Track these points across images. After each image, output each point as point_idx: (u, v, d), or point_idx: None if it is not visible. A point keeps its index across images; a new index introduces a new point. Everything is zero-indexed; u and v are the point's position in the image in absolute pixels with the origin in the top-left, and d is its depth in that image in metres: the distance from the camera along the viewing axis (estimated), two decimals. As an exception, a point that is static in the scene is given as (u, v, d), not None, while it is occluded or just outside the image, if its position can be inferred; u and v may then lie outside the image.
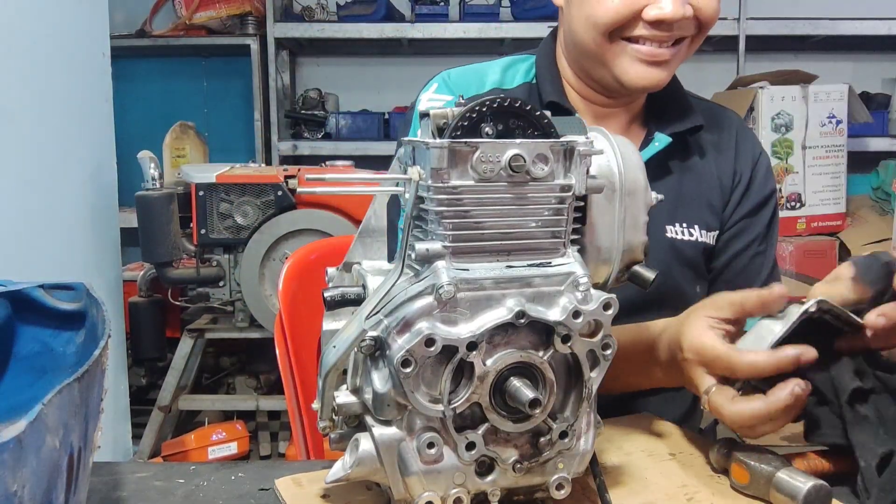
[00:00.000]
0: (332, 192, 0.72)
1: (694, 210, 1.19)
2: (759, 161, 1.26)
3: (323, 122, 3.73)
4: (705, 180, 1.22)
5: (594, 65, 1.14)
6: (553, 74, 1.22)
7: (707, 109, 1.27)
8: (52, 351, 0.78)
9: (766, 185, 1.25)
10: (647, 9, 1.06)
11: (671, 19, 1.05)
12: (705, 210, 1.21)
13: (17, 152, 1.75)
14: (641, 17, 1.06)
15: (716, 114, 1.28)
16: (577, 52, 1.16)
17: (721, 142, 1.25)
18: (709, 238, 1.20)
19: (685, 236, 1.18)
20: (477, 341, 0.68)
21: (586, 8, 1.09)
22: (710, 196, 1.22)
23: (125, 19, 3.71)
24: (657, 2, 1.05)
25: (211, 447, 2.75)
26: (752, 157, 1.26)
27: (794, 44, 3.83)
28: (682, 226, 1.18)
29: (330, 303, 0.78)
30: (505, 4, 3.64)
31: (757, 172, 1.25)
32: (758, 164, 1.26)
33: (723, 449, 0.84)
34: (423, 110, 0.73)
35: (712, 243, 1.21)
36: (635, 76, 1.10)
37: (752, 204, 1.24)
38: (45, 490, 0.56)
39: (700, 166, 1.22)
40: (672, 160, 1.20)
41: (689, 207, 1.19)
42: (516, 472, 0.72)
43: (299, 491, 0.81)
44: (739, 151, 1.25)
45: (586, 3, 1.09)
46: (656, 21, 1.06)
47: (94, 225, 2.12)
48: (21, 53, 1.77)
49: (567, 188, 0.72)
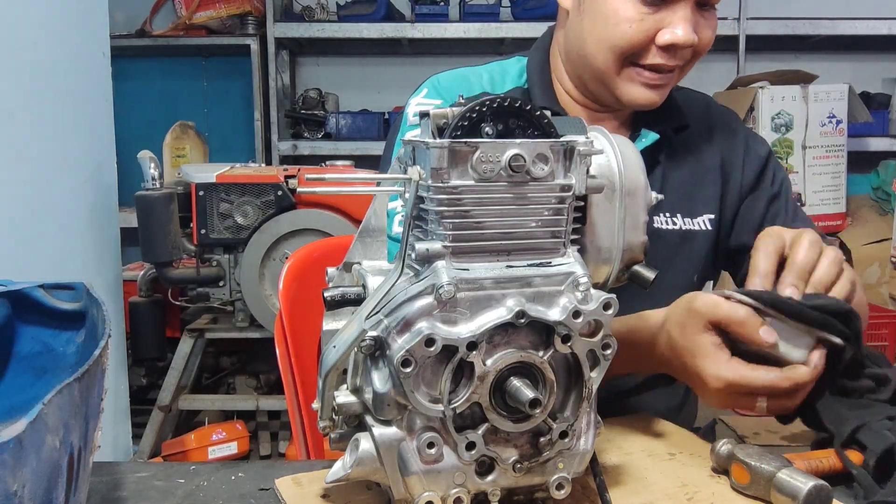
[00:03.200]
0: (332, 192, 0.72)
1: (679, 200, 1.22)
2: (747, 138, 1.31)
3: (323, 122, 3.73)
4: (694, 171, 1.25)
5: (596, 81, 1.17)
6: (544, 80, 1.24)
7: (697, 103, 1.31)
8: (52, 351, 0.79)
9: (762, 150, 1.30)
10: (660, 33, 1.09)
11: (683, 44, 1.09)
12: (693, 199, 1.23)
13: (17, 152, 1.75)
14: (654, 42, 1.10)
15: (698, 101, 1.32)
16: (581, 64, 1.18)
17: (709, 130, 1.28)
18: (697, 224, 1.23)
19: (668, 225, 1.21)
20: (477, 341, 0.68)
21: (600, 29, 1.11)
22: (701, 185, 1.24)
23: (125, 19, 3.72)
24: (671, 28, 1.09)
25: (211, 447, 2.76)
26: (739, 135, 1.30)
27: (794, 44, 3.83)
28: (666, 215, 1.22)
29: (330, 303, 0.78)
30: (505, 4, 3.64)
31: (747, 146, 1.29)
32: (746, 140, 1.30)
33: (723, 449, 0.84)
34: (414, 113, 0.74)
35: (706, 228, 1.24)
36: (637, 97, 1.14)
37: (754, 174, 1.27)
38: (45, 490, 0.56)
39: (687, 158, 1.25)
40: (659, 154, 1.23)
41: (673, 198, 1.22)
42: (516, 471, 0.72)
43: (299, 491, 0.81)
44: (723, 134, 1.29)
45: (600, 24, 1.11)
46: (668, 46, 1.09)
47: (94, 225, 2.12)
48: (21, 53, 1.77)
49: (567, 188, 0.72)
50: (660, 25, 1.09)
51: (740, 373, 0.86)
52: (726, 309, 0.87)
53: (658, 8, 1.08)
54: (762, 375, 0.86)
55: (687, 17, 1.08)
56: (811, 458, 0.85)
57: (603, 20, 1.11)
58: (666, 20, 1.09)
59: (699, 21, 1.11)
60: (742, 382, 0.86)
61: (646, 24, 1.09)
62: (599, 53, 1.12)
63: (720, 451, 0.84)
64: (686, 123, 1.25)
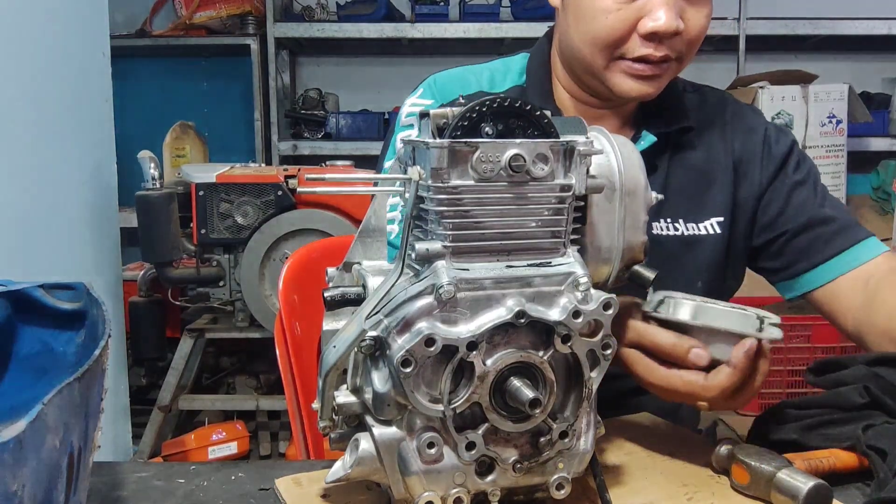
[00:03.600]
0: (332, 192, 0.72)
1: (682, 205, 1.20)
2: (767, 133, 1.25)
3: (323, 122, 3.73)
4: (701, 174, 1.21)
5: (588, 75, 1.16)
6: (543, 79, 1.23)
7: (714, 103, 1.27)
8: (52, 351, 0.78)
9: (782, 144, 1.24)
10: (642, 21, 1.07)
11: (665, 31, 1.06)
12: (699, 202, 1.20)
13: (18, 152, 1.75)
14: (637, 31, 1.08)
15: (715, 102, 1.28)
16: (573, 60, 1.17)
17: (721, 131, 1.25)
18: (703, 229, 1.20)
19: (669, 231, 1.18)
20: (477, 341, 0.68)
21: (582, 24, 1.10)
22: (709, 187, 1.21)
23: (125, 19, 3.72)
24: (651, 14, 1.06)
25: (211, 447, 2.75)
26: (758, 132, 1.25)
27: (794, 44, 3.83)
28: (667, 221, 1.19)
29: (330, 303, 0.78)
30: (505, 4, 3.64)
31: (767, 141, 1.24)
32: (766, 135, 1.25)
33: (723, 449, 0.84)
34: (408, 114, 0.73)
35: (714, 232, 1.20)
36: (628, 88, 1.12)
37: (772, 169, 1.23)
38: (45, 490, 0.56)
39: (692, 161, 1.22)
40: (660, 157, 1.20)
41: (675, 203, 1.19)
42: (516, 471, 0.72)
43: (299, 491, 0.81)
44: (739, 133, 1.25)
45: (582, 19, 1.10)
46: (651, 34, 1.07)
47: (94, 225, 2.12)
48: (21, 53, 1.76)
49: (567, 188, 0.72)
50: (640, 14, 1.07)
51: (667, 380, 0.84)
52: (650, 338, 0.84)
53: None
54: (687, 380, 0.83)
55: (668, 3, 1.05)
56: (811, 458, 0.85)
57: (583, 14, 1.09)
58: (646, 8, 1.06)
59: (685, 7, 1.08)
60: (669, 388, 0.84)
61: (624, 14, 1.07)
62: (585, 47, 1.11)
63: (720, 451, 0.84)
64: (689, 125, 1.21)
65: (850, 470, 0.84)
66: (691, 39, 1.11)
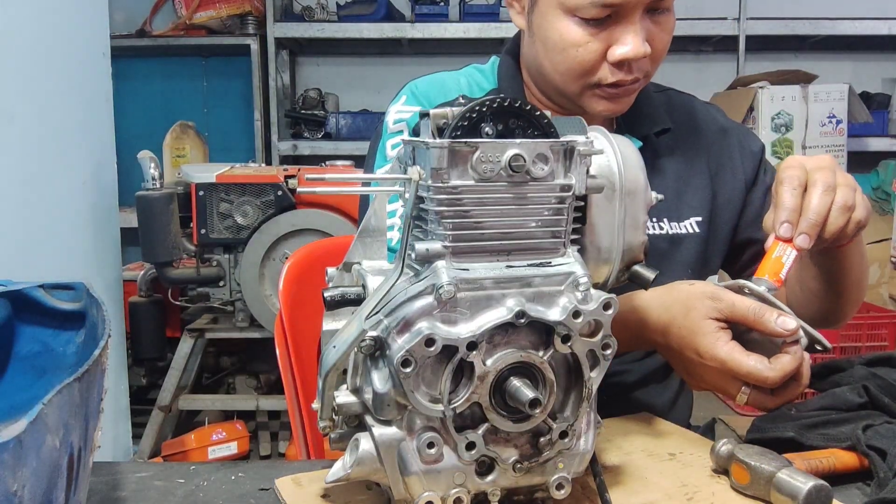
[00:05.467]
0: (332, 192, 0.72)
1: (665, 205, 1.22)
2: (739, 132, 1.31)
3: (323, 122, 3.73)
4: (679, 175, 1.24)
5: (561, 97, 1.17)
6: (514, 84, 1.23)
7: (681, 106, 1.30)
8: (52, 351, 0.79)
9: (755, 146, 1.30)
10: (611, 49, 1.07)
11: (634, 57, 1.07)
12: (679, 203, 1.23)
13: (18, 152, 1.75)
14: (606, 59, 1.08)
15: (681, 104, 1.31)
16: (544, 84, 1.18)
17: (695, 133, 1.28)
18: (684, 228, 1.23)
19: (655, 230, 1.21)
20: (477, 341, 0.68)
21: (553, 54, 1.11)
22: (687, 188, 1.24)
23: (125, 19, 3.72)
24: (619, 43, 1.07)
25: (211, 447, 2.76)
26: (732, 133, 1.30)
27: (794, 44, 3.84)
28: (653, 220, 1.21)
29: (330, 303, 0.78)
30: (505, 4, 3.64)
31: (742, 140, 1.29)
32: (739, 134, 1.30)
33: (723, 449, 0.84)
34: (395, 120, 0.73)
35: (694, 231, 1.23)
36: (601, 109, 1.13)
37: (752, 169, 1.28)
38: (45, 490, 0.56)
39: (670, 163, 1.24)
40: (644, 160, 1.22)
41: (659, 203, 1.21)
42: (516, 471, 0.72)
43: (299, 491, 0.81)
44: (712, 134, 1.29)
45: (552, 50, 1.10)
46: (620, 62, 1.07)
47: (94, 225, 2.12)
48: (21, 53, 1.77)
49: (567, 188, 0.72)
50: (609, 42, 1.07)
51: (734, 356, 0.88)
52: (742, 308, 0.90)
53: (603, 26, 1.06)
54: (753, 362, 0.88)
55: (636, 30, 1.06)
56: (811, 458, 0.85)
57: (553, 45, 1.10)
58: (614, 36, 1.06)
59: (651, 28, 1.08)
60: (732, 365, 0.88)
61: (594, 45, 1.07)
62: (557, 76, 1.12)
63: (720, 451, 0.84)
64: (668, 126, 1.24)
65: (850, 470, 0.84)
66: (657, 56, 1.12)
